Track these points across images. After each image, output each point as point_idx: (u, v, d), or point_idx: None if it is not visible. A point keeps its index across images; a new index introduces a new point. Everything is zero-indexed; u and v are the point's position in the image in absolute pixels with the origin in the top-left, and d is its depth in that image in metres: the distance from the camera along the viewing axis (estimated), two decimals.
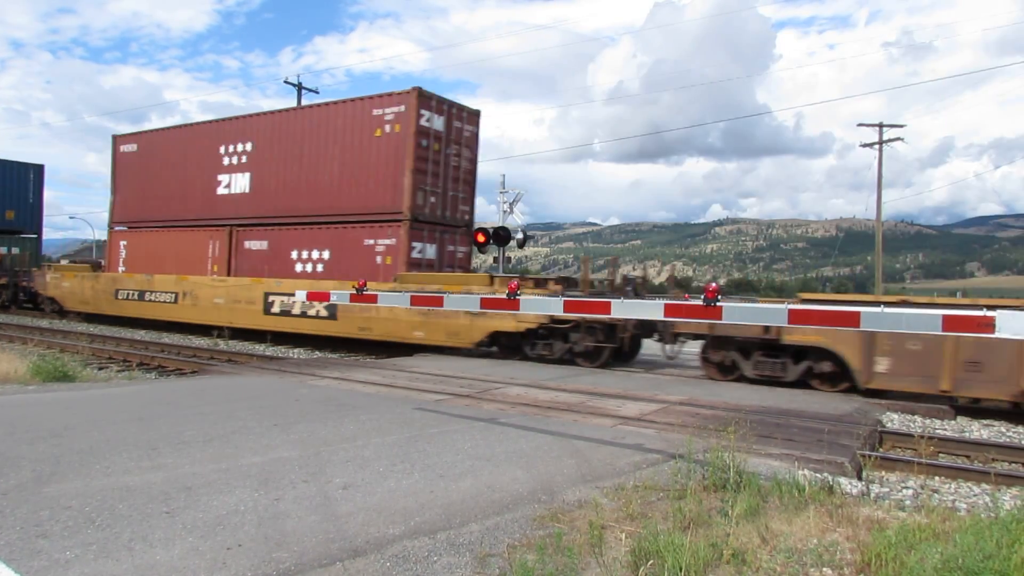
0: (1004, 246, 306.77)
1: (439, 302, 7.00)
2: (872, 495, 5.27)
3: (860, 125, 34.97)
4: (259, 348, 17.95)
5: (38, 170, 32.01)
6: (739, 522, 3.90)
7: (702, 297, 4.95)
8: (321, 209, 18.14)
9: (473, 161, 18.53)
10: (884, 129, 33.82)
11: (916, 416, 9.66)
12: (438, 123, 17.06)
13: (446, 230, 17.86)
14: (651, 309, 5.72)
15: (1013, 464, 7.37)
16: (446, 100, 17.21)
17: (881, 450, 7.58)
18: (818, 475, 5.21)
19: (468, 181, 18.39)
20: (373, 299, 7.41)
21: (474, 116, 18.39)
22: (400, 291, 7.65)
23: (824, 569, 3.41)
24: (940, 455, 7.54)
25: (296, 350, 17.57)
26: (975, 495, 6.14)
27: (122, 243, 23.76)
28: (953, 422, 9.53)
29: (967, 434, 8.90)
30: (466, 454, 5.72)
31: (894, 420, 9.34)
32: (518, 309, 6.10)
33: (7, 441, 5.59)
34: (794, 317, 4.66)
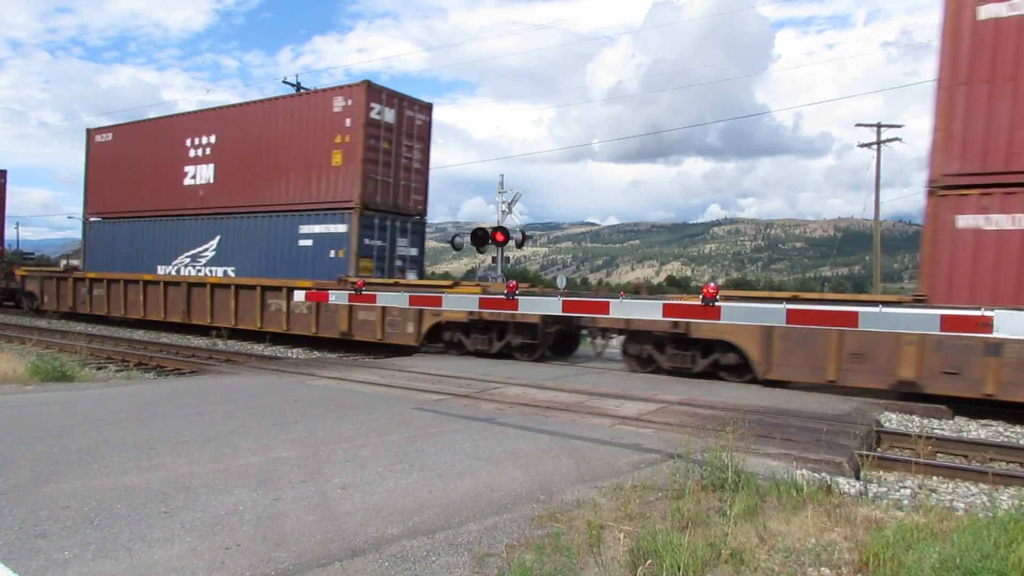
0: None
1: (437, 302, 7.02)
2: (870, 495, 5.29)
3: (858, 125, 34.99)
4: (258, 348, 17.94)
5: None
6: (737, 522, 3.91)
7: (701, 297, 4.95)
8: None
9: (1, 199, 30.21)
10: (882, 129, 33.85)
11: (914, 416, 9.68)
12: None
13: None
14: (649, 309, 5.73)
15: (1011, 464, 7.39)
16: None
17: (879, 450, 7.59)
18: (816, 475, 5.22)
19: None
20: (372, 299, 7.43)
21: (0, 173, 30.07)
22: (399, 292, 7.68)
23: (822, 568, 3.42)
24: (938, 455, 7.55)
25: (295, 350, 17.57)
26: (973, 495, 6.15)
27: None
28: (951, 422, 9.55)
29: (965, 434, 8.92)
30: (465, 454, 5.73)
31: (892, 420, 9.35)
32: (516, 308, 6.11)
33: (6, 441, 5.59)
34: (792, 317, 4.67)
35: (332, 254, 17.41)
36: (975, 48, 10.73)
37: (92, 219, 24.24)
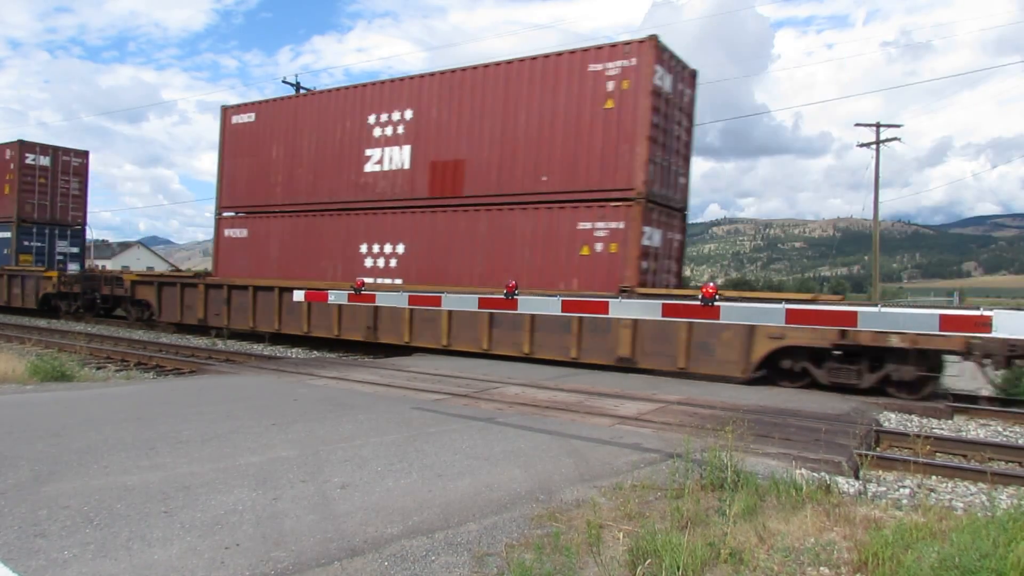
0: (1001, 246, 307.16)
1: (437, 302, 7.02)
2: (869, 494, 5.30)
3: (857, 125, 35.03)
4: (257, 348, 17.93)
5: None
6: (736, 521, 3.92)
7: (700, 297, 4.96)
8: None
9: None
10: (881, 129, 33.88)
11: (913, 415, 9.68)
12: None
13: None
14: (649, 309, 5.73)
15: (1010, 463, 7.39)
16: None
17: (878, 449, 7.60)
18: (815, 474, 5.23)
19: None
20: (371, 299, 7.43)
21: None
22: (399, 291, 7.68)
23: (821, 568, 3.42)
24: (937, 454, 7.55)
25: (294, 349, 17.57)
26: (972, 494, 6.16)
27: None
28: (950, 421, 9.56)
29: (964, 433, 8.93)
30: (464, 453, 5.73)
31: (891, 419, 9.36)
32: (516, 308, 6.12)
33: (5, 441, 5.59)
34: (791, 316, 4.68)
35: (4, 251, 27.62)
36: (231, 138, 19.76)
37: None
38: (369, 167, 16.55)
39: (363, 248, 16.57)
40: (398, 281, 15.87)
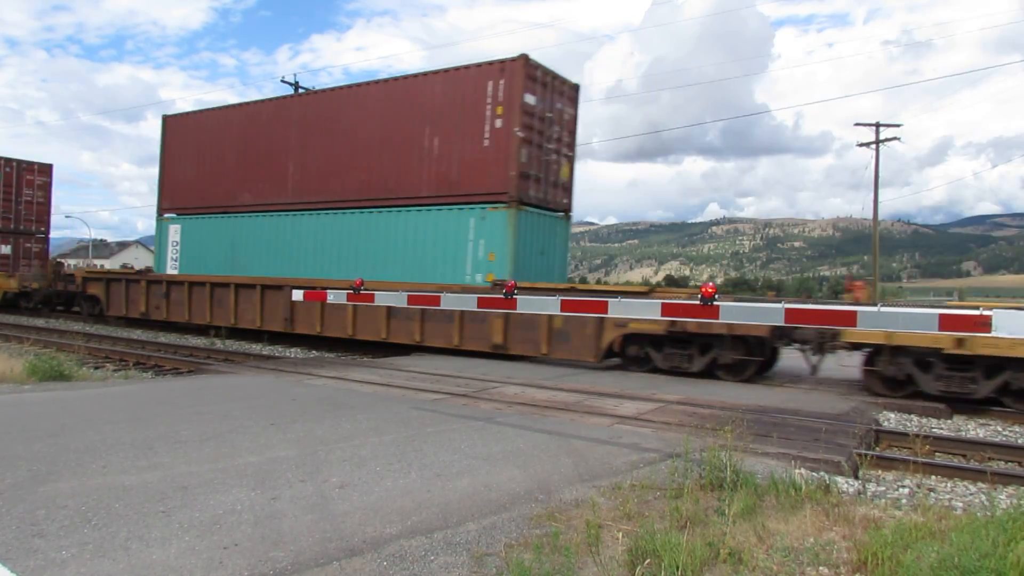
0: (1001, 245, 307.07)
1: (436, 301, 7.01)
2: (868, 494, 5.29)
3: (857, 124, 34.99)
4: (256, 347, 17.92)
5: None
6: (736, 521, 3.91)
7: (699, 296, 4.95)
8: None
9: None
10: (881, 128, 33.87)
11: (912, 415, 9.68)
12: None
13: None
14: (648, 308, 5.72)
15: (1009, 463, 7.39)
16: None
17: (877, 449, 7.59)
18: (815, 474, 5.22)
19: None
20: (370, 298, 7.42)
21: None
22: (397, 291, 7.68)
23: (820, 568, 3.42)
24: (936, 454, 7.55)
25: (293, 349, 17.56)
26: (971, 494, 6.15)
27: None
28: (949, 421, 9.55)
29: (963, 433, 8.92)
30: (463, 453, 5.72)
31: (891, 419, 9.35)
32: (515, 308, 6.11)
33: (3, 440, 5.58)
34: (791, 316, 4.67)
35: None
36: None
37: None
38: None
39: None
40: None
